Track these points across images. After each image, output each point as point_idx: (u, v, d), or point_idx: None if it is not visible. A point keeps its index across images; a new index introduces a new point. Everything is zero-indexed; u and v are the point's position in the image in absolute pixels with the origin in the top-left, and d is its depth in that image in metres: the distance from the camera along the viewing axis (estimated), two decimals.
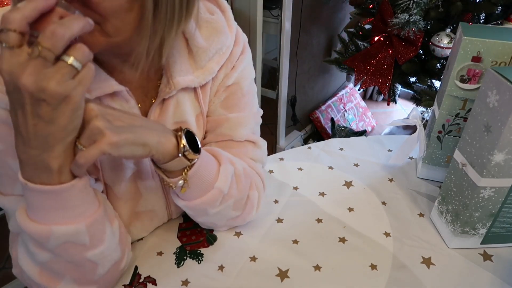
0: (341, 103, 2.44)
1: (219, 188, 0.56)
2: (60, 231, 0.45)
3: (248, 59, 0.64)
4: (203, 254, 0.63)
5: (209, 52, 0.57)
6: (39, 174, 0.42)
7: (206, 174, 0.55)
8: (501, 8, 1.41)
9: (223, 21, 0.59)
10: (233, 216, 0.63)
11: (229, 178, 0.57)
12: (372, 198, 0.76)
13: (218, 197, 0.57)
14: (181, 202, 0.58)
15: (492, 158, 0.54)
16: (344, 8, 2.17)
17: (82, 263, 0.49)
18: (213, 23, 0.58)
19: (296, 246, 0.65)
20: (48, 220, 0.45)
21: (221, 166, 0.57)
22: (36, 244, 0.46)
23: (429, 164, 0.78)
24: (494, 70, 0.53)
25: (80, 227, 0.46)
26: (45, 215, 0.45)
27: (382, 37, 1.58)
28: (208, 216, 0.61)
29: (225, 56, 0.59)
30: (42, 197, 0.43)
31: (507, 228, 0.63)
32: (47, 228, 0.44)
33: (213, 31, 0.57)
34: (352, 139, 0.93)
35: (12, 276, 1.40)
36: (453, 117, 0.70)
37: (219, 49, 0.58)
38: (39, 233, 0.45)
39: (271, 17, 1.96)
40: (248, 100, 0.65)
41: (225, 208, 0.60)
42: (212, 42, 0.57)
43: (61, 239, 0.45)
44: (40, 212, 0.44)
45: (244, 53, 0.63)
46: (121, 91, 0.52)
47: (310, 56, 2.10)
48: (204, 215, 0.61)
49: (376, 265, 0.62)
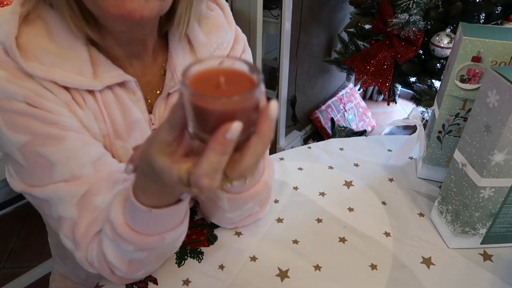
0: (341, 103, 2.44)
1: (265, 181, 0.58)
2: (171, 236, 0.48)
3: (248, 58, 0.65)
4: (204, 253, 0.63)
5: (210, 47, 0.58)
6: (166, 199, 0.43)
7: (259, 168, 0.57)
8: (501, 8, 1.41)
9: (223, 17, 0.60)
10: (253, 212, 0.64)
11: (272, 171, 0.60)
12: (372, 198, 0.76)
13: (264, 190, 0.59)
14: (225, 194, 0.58)
15: (492, 158, 0.54)
16: (344, 8, 2.17)
17: (170, 251, 0.56)
18: (212, 19, 0.59)
19: (296, 246, 0.65)
20: (161, 230, 0.47)
21: (266, 159, 0.59)
22: (138, 249, 0.48)
23: (429, 164, 0.78)
24: (494, 70, 0.53)
25: (186, 224, 0.50)
26: (159, 226, 0.46)
27: (382, 37, 1.58)
28: (240, 211, 0.61)
29: (225, 52, 0.60)
30: (164, 214, 0.44)
31: (507, 228, 0.63)
32: (160, 237, 0.47)
33: (213, 27, 0.58)
34: (352, 139, 0.93)
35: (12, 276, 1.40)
36: (453, 117, 0.70)
37: (219, 44, 0.59)
38: (150, 243, 0.47)
39: (271, 17, 1.96)
40: None
41: (257, 201, 0.61)
42: (213, 38, 0.58)
43: (169, 241, 0.48)
44: (153, 226, 0.46)
45: (245, 52, 0.64)
46: (129, 81, 0.53)
47: (310, 56, 2.10)
48: (239, 209, 0.61)
49: (376, 265, 0.62)
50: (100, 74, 0.50)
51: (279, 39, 1.83)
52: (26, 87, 0.46)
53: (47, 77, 0.47)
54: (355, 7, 1.76)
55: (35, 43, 0.47)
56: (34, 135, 0.47)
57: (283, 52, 1.84)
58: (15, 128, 0.47)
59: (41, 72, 0.46)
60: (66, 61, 0.48)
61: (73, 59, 0.48)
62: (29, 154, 0.48)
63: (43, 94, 0.47)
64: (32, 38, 0.47)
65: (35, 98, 0.47)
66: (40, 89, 0.47)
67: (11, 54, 0.46)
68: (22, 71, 0.46)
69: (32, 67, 0.46)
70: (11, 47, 0.45)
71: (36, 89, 0.47)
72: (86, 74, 0.49)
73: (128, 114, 0.55)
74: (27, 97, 0.46)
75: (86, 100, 0.51)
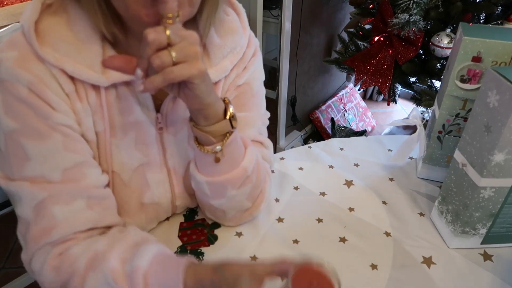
0: (341, 103, 2.44)
1: (244, 167, 0.58)
2: None
3: (259, 61, 0.66)
4: (204, 253, 0.63)
5: (223, 50, 0.59)
6: None
7: (237, 150, 0.57)
8: (501, 8, 1.41)
9: (238, 22, 0.61)
10: (244, 208, 0.64)
11: (254, 159, 0.59)
12: (372, 198, 0.76)
13: (242, 177, 0.58)
14: (204, 177, 0.58)
15: (492, 158, 0.54)
16: (344, 8, 2.17)
17: None
18: (228, 22, 0.60)
19: (297, 246, 0.65)
20: None
21: (247, 147, 0.59)
22: None
23: (429, 164, 0.78)
24: (494, 70, 0.53)
25: None
26: None
27: (382, 37, 1.58)
28: (224, 199, 0.61)
29: (238, 56, 0.61)
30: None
31: (507, 228, 0.63)
32: None
33: (229, 31, 0.59)
34: (352, 139, 0.93)
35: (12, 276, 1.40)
36: (453, 117, 0.70)
37: (233, 48, 0.60)
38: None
39: (271, 17, 1.96)
40: (257, 101, 0.67)
41: (242, 193, 0.60)
42: (227, 41, 0.59)
43: None
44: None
45: (255, 56, 0.65)
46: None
47: (310, 56, 2.10)
48: (222, 196, 0.60)
49: (377, 265, 0.62)
50: (109, 71, 0.51)
51: (279, 39, 1.83)
52: (33, 73, 0.48)
53: (58, 65, 0.48)
54: (355, 7, 1.76)
55: (54, 31, 0.48)
56: (23, 125, 0.49)
57: (283, 52, 1.84)
58: (9, 112, 0.49)
59: (53, 58, 0.48)
60: (80, 53, 0.49)
61: (86, 52, 0.49)
62: (11, 142, 0.49)
63: (48, 83, 0.49)
64: (52, 26, 0.48)
65: (39, 85, 0.48)
66: (46, 76, 0.48)
67: (27, 37, 0.47)
68: (35, 54, 0.48)
69: (46, 52, 0.47)
70: (29, 30, 0.47)
71: (43, 76, 0.48)
72: (96, 68, 0.50)
73: (128, 114, 0.55)
74: (31, 83, 0.47)
75: (89, 95, 0.52)
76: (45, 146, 0.50)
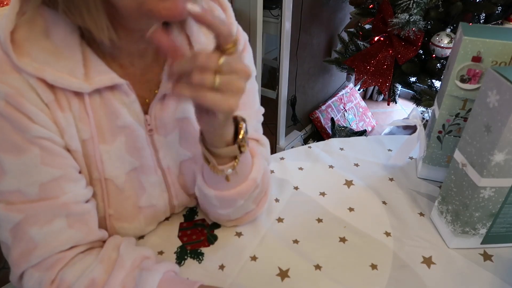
0: (341, 103, 2.44)
1: (254, 179, 0.58)
2: None
3: (249, 56, 0.65)
4: (204, 254, 0.63)
5: (210, 48, 0.57)
6: None
7: (246, 165, 0.57)
8: (501, 8, 1.41)
9: (224, 18, 0.60)
10: (249, 210, 0.64)
11: (262, 168, 0.59)
12: (372, 197, 0.76)
13: (252, 187, 0.58)
14: (213, 192, 0.58)
15: (492, 158, 0.54)
16: (344, 8, 2.17)
17: None
18: None
19: (297, 245, 0.65)
20: None
21: (255, 157, 0.59)
22: None
23: (429, 164, 0.78)
24: (494, 70, 0.53)
25: None
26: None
27: (382, 37, 1.58)
28: (232, 208, 0.61)
29: None
30: None
31: (507, 228, 0.63)
32: None
33: None
34: (352, 139, 0.93)
35: None
36: (453, 117, 0.70)
37: None
38: None
39: (271, 17, 1.96)
40: (249, 98, 0.65)
41: (249, 199, 0.60)
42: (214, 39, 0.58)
43: None
44: None
45: (245, 51, 0.63)
46: (121, 85, 0.52)
47: (310, 56, 2.11)
48: (231, 207, 0.60)
49: (377, 265, 0.62)
50: (91, 77, 0.49)
51: (279, 39, 1.83)
52: (9, 84, 0.46)
53: (38, 74, 0.46)
54: (355, 7, 1.76)
55: (30, 40, 0.46)
56: (0, 138, 0.47)
57: (283, 52, 1.84)
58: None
59: (32, 68, 0.46)
60: (59, 61, 0.47)
61: (66, 59, 0.48)
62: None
63: (26, 94, 0.47)
64: (28, 35, 0.46)
65: (16, 97, 0.46)
66: (24, 88, 0.46)
67: (3, 48, 0.45)
68: (12, 66, 0.46)
69: (24, 63, 0.46)
70: (5, 41, 0.45)
71: (20, 88, 0.46)
72: (77, 75, 0.48)
73: (115, 118, 0.53)
74: (8, 95, 0.45)
75: (71, 103, 0.50)
76: (22, 160, 0.48)
